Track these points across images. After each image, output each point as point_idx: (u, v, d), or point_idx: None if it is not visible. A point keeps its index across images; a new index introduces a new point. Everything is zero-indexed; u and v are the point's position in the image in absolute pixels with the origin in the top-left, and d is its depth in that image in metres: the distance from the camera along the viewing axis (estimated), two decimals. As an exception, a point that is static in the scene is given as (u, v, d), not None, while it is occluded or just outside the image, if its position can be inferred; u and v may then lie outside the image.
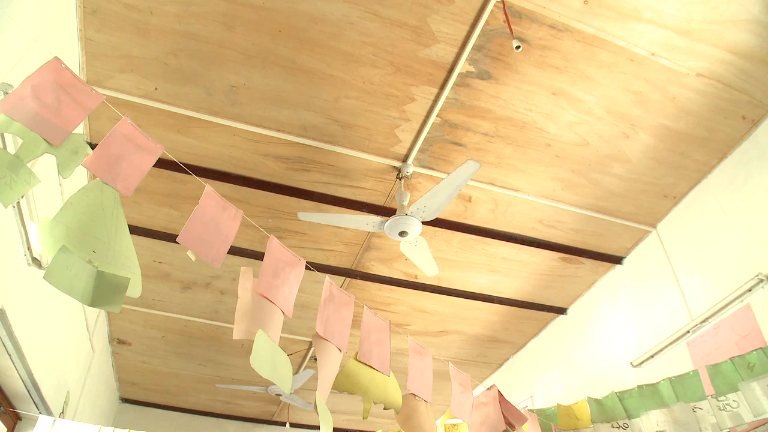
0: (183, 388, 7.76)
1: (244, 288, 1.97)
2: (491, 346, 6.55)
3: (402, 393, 2.43)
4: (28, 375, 3.89)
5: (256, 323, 1.86)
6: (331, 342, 2.12)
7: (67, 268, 1.69)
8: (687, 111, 3.81)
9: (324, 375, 2.02)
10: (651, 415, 3.36)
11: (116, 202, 1.86)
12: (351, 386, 2.14)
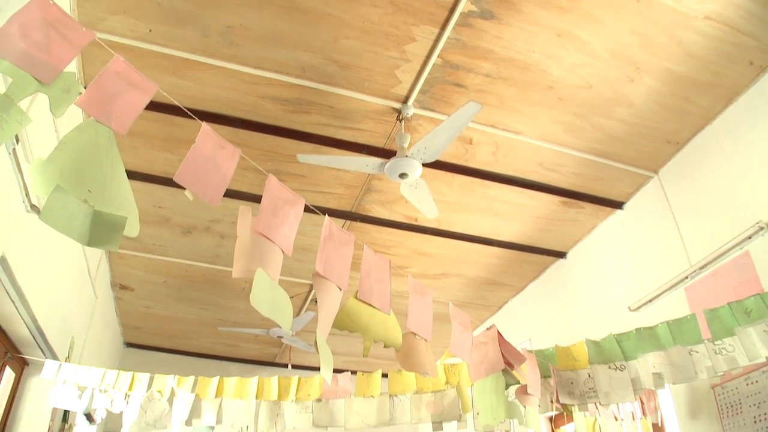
0: (186, 331, 7.86)
1: (242, 227, 1.95)
2: (490, 289, 6.60)
3: (402, 332, 2.44)
4: (32, 321, 3.93)
5: (255, 262, 1.85)
6: (331, 281, 2.11)
7: (63, 208, 1.67)
8: (693, 55, 3.73)
9: (324, 314, 2.03)
10: (648, 358, 3.39)
11: (111, 141, 1.82)
12: (351, 325, 2.15)
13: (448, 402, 3.78)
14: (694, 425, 4.38)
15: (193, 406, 4.04)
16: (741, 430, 3.98)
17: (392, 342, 2.33)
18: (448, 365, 3.84)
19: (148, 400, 4.15)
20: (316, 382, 4.01)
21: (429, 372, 2.47)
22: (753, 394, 3.92)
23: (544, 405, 3.51)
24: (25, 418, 4.61)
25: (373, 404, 3.88)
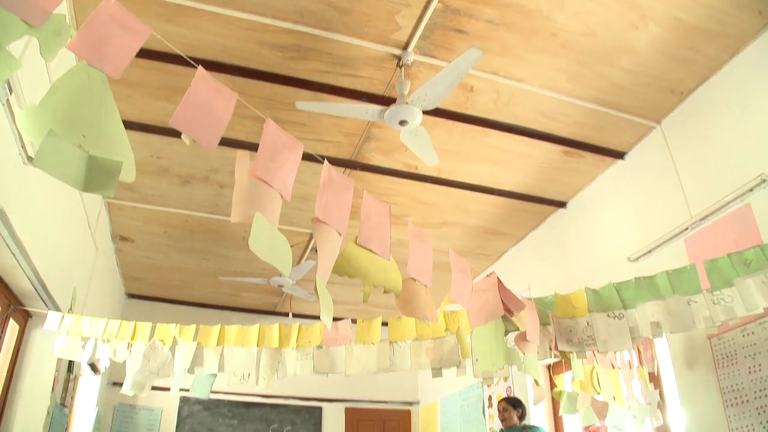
0: (187, 282, 7.90)
1: (240, 172, 1.93)
2: (490, 238, 6.61)
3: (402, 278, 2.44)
4: (33, 273, 3.94)
5: (253, 207, 1.83)
6: (331, 226, 2.10)
7: (57, 153, 1.64)
8: (700, 2, 3.63)
9: (323, 259, 2.02)
10: (646, 307, 3.40)
11: (104, 85, 1.78)
12: (351, 270, 2.14)
13: (448, 348, 3.81)
14: (690, 375, 4.44)
15: (196, 354, 4.09)
16: (735, 381, 4.04)
17: (392, 287, 2.33)
18: (448, 312, 3.86)
19: (150, 349, 4.19)
20: (316, 329, 4.04)
21: (429, 317, 2.47)
22: (748, 346, 3.96)
23: (543, 352, 3.54)
24: (31, 369, 4.67)
25: (373, 351, 3.91)
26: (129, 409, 7.99)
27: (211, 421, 8.28)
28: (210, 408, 8.31)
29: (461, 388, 7.79)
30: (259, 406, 8.53)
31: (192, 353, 4.07)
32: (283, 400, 8.63)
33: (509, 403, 4.98)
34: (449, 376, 6.76)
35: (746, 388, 3.98)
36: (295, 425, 8.62)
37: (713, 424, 4.19)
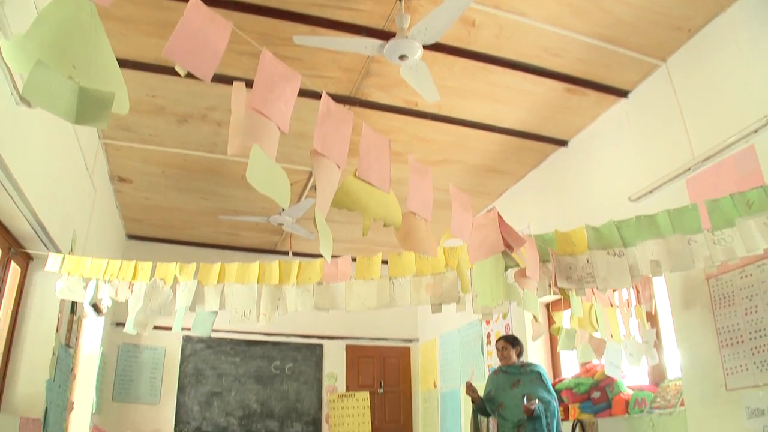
0: (187, 222, 7.90)
1: (237, 103, 1.88)
2: (490, 177, 6.58)
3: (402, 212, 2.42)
4: (32, 215, 3.93)
5: (251, 138, 1.79)
6: (330, 158, 2.07)
7: (46, 84, 1.60)
8: (713, -67, 3.52)
9: (322, 191, 1.99)
10: (646, 245, 3.40)
11: (93, 15, 1.72)
12: (350, 203, 2.12)
13: (447, 284, 3.82)
14: (687, 315, 4.48)
15: (196, 292, 4.10)
16: (731, 321, 4.09)
17: (392, 221, 2.31)
18: (448, 248, 3.86)
19: (152, 288, 4.20)
20: (316, 266, 4.04)
21: (429, 251, 2.46)
22: (746, 287, 3.99)
23: (542, 289, 3.55)
24: (35, 311, 4.72)
25: (373, 287, 3.92)
26: (133, 349, 8.11)
27: (214, 359, 8.42)
28: (212, 346, 8.43)
29: (460, 325, 7.88)
30: (261, 343, 8.66)
31: (193, 291, 4.08)
32: (285, 337, 8.76)
33: (508, 342, 5.03)
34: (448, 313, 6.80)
35: (742, 329, 4.03)
36: (296, 362, 8.77)
37: (708, 363, 4.25)
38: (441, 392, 8.42)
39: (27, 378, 4.58)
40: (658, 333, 5.03)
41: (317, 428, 8.61)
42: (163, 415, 8.04)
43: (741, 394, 3.98)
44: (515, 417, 4.73)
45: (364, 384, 9.00)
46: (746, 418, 3.90)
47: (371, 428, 8.68)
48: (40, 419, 4.60)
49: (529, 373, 4.91)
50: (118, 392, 7.91)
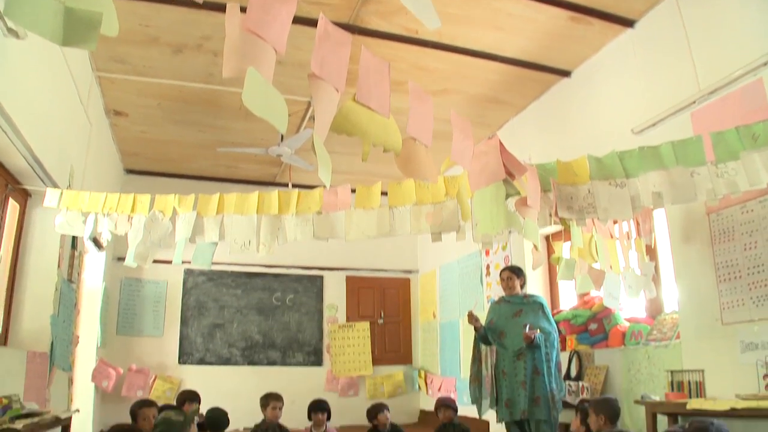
0: (185, 155, 7.84)
1: (231, 24, 1.81)
2: (491, 107, 6.48)
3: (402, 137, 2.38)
4: (28, 151, 3.90)
5: (246, 60, 1.73)
6: (328, 81, 2.01)
7: (31, 3, 1.53)
8: None
9: (321, 116, 1.95)
10: (649, 176, 3.37)
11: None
12: (349, 127, 2.07)
13: (448, 213, 3.80)
14: (686, 249, 4.49)
15: (196, 223, 4.09)
16: (730, 257, 4.10)
17: (392, 146, 2.27)
18: (448, 177, 3.83)
19: (151, 221, 4.20)
20: (316, 195, 4.01)
21: (429, 177, 2.43)
22: (746, 223, 3.99)
23: (543, 218, 3.54)
24: (35, 247, 4.74)
25: (372, 216, 3.90)
26: (135, 283, 8.18)
27: (216, 292, 8.50)
28: (214, 279, 8.50)
29: (460, 256, 7.93)
30: (262, 275, 8.73)
31: (192, 223, 4.07)
32: (285, 269, 8.82)
33: (513, 272, 5.05)
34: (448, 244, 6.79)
35: (740, 265, 4.04)
36: (297, 293, 8.86)
37: (705, 298, 4.28)
38: (440, 323, 8.54)
39: (31, 313, 4.64)
40: (657, 267, 5.05)
41: (318, 358, 8.77)
42: (166, 347, 8.18)
43: (736, 329, 4.03)
44: (515, 346, 4.80)
45: (365, 315, 9.11)
46: (740, 352, 3.96)
47: (371, 358, 8.85)
48: (46, 353, 4.67)
49: (532, 303, 4.96)
50: (122, 326, 8.02)
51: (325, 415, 5.07)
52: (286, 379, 8.08)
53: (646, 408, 4.32)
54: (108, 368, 7.26)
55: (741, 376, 3.92)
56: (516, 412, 4.73)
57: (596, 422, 3.79)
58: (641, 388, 4.75)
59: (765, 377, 3.76)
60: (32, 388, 4.31)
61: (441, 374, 8.32)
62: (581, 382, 5.25)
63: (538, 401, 4.66)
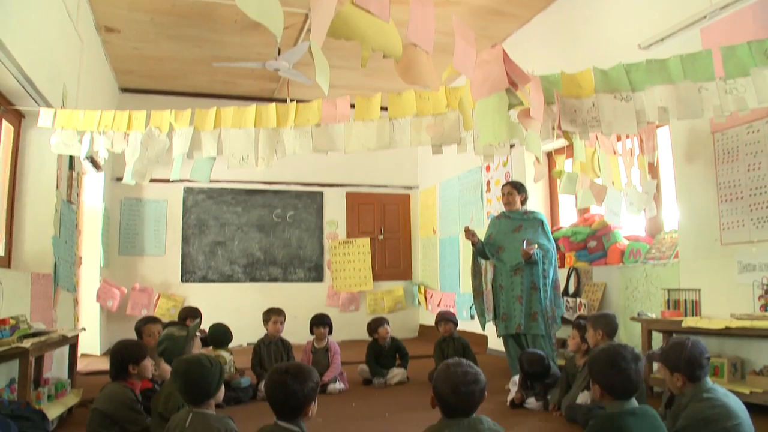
0: (180, 71, 7.69)
1: None
2: (495, 20, 6.31)
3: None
4: (18, 70, 3.83)
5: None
6: (325, -18, 1.92)
7: None
8: None
9: (318, 19, 1.86)
10: (655, 90, 3.31)
11: None
12: (348, 31, 1.99)
13: (449, 124, 3.74)
14: (689, 168, 4.45)
15: (193, 138, 4.03)
16: (733, 177, 4.08)
17: (392, 51, 2.19)
18: (450, 88, 3.74)
19: (147, 137, 4.14)
20: (314, 107, 3.93)
21: (430, 85, 2.37)
22: (751, 143, 3.96)
23: (546, 131, 3.48)
24: (33, 169, 4.71)
25: (372, 128, 3.84)
26: (135, 203, 8.19)
27: (216, 210, 8.52)
28: (214, 197, 8.50)
29: (460, 172, 7.90)
30: (262, 192, 8.74)
31: (189, 138, 4.01)
32: (285, 186, 8.82)
33: (514, 188, 5.01)
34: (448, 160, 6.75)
35: (743, 185, 4.03)
36: (297, 210, 8.88)
37: (705, 217, 4.28)
38: (440, 239, 8.60)
39: (33, 235, 4.67)
40: (658, 185, 5.03)
41: (319, 274, 8.88)
42: (169, 266, 8.27)
43: (735, 249, 4.05)
44: (513, 261, 4.82)
45: (365, 230, 9.17)
46: (737, 272, 3.99)
47: (372, 273, 8.96)
48: (50, 274, 4.72)
49: (531, 219, 4.95)
50: (124, 246, 8.09)
51: (326, 329, 5.13)
52: (287, 295, 8.21)
53: (642, 325, 4.39)
54: (112, 288, 7.35)
55: (737, 296, 3.98)
56: (511, 326, 4.81)
57: (594, 337, 3.85)
58: (638, 306, 4.82)
59: (760, 298, 3.81)
60: (38, 308, 4.37)
61: (441, 289, 8.45)
62: (579, 299, 5.31)
63: (534, 316, 4.72)
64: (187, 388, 2.43)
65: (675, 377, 2.48)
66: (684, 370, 2.45)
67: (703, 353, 2.47)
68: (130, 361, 3.16)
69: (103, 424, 3.00)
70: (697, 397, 2.38)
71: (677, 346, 2.50)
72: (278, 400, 2.18)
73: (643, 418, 2.13)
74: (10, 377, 3.64)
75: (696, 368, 2.44)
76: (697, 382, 2.45)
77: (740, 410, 2.36)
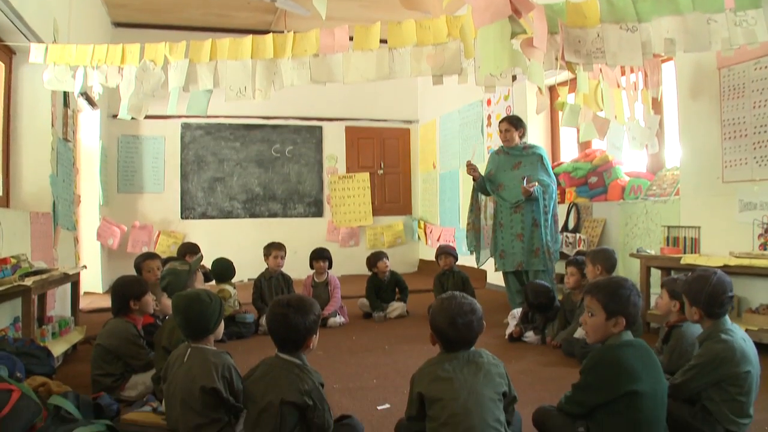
0: (174, 3, 7.52)
1: None
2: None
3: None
4: (5, 4, 3.75)
5: None
6: None
7: None
8: None
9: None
10: (662, 21, 3.23)
11: None
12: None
13: (449, 54, 3.65)
14: (693, 104, 4.40)
15: (189, 71, 3.94)
16: (738, 114, 4.03)
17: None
18: (451, 17, 3.63)
19: (142, 71, 4.06)
20: (312, 37, 3.81)
21: (431, 11, 2.29)
22: (758, 80, 3.89)
23: (549, 62, 3.41)
24: (26, 107, 4.65)
25: (371, 58, 3.75)
26: (132, 140, 8.12)
27: (214, 145, 8.45)
28: (212, 132, 8.42)
29: (461, 106, 7.80)
30: (260, 127, 8.65)
31: (185, 70, 3.92)
32: (284, 120, 8.72)
33: (511, 123, 4.94)
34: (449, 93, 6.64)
35: (747, 123, 3.98)
36: (296, 145, 8.81)
37: (708, 154, 4.25)
38: (440, 173, 8.57)
39: (30, 174, 4.66)
40: (661, 122, 4.97)
41: (319, 209, 8.89)
42: (168, 203, 8.27)
43: (736, 187, 4.03)
44: (513, 198, 4.81)
45: (364, 165, 9.12)
46: (738, 210, 3.98)
47: (371, 208, 8.96)
48: (49, 213, 4.71)
49: (531, 155, 4.91)
50: (123, 183, 8.06)
51: (326, 263, 5.16)
52: (287, 231, 8.22)
53: (641, 261, 4.41)
54: (112, 226, 7.36)
55: (736, 234, 3.98)
56: (510, 264, 4.84)
57: (593, 272, 3.87)
58: (637, 242, 4.83)
59: (760, 236, 3.81)
60: (39, 247, 4.38)
61: (440, 224, 8.47)
62: (579, 235, 5.32)
63: (537, 252, 4.74)
64: (186, 323, 2.44)
65: (693, 310, 2.42)
66: (704, 305, 2.37)
67: (727, 291, 2.36)
68: (131, 297, 3.18)
69: (106, 359, 3.05)
70: (715, 337, 2.32)
71: (701, 280, 2.39)
72: (280, 333, 2.19)
73: (640, 350, 2.14)
74: (14, 316, 3.68)
75: (716, 305, 2.35)
76: (716, 320, 2.38)
77: (753, 356, 2.33)
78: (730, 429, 2.27)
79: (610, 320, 2.15)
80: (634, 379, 2.05)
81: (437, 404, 1.98)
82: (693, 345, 2.59)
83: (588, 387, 2.16)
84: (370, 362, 3.76)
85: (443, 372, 2.02)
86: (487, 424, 1.93)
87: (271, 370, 2.17)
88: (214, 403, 2.27)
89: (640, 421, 2.05)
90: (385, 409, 2.84)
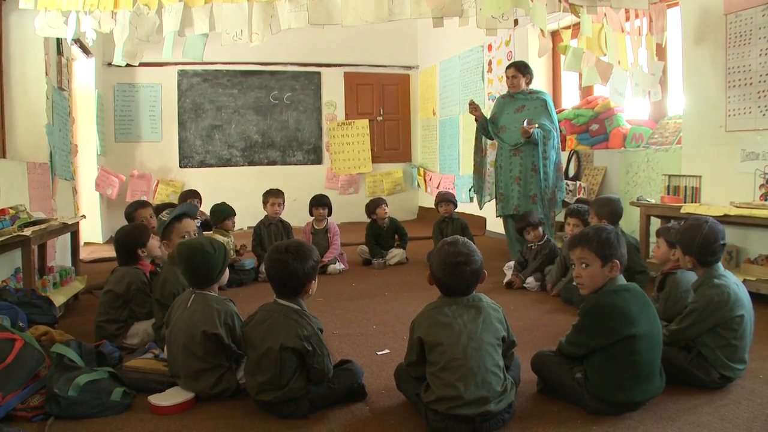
0: (167, -54, 7.29)
1: None
2: None
3: None
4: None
5: None
6: None
7: None
8: None
9: None
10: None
11: None
12: None
13: (450, -4, 3.57)
14: (698, 51, 4.31)
15: (184, 15, 3.85)
16: (743, 62, 3.95)
17: None
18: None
19: (136, 15, 3.98)
20: (309, -23, 3.73)
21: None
22: (766, 26, 3.79)
23: (552, 3, 3.34)
24: (18, 55, 4.58)
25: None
26: (128, 88, 7.99)
27: (212, 93, 8.32)
28: (209, 79, 8.29)
29: (461, 51, 7.67)
30: (258, 74, 8.50)
31: (180, 14, 3.84)
32: (282, 66, 8.56)
33: (518, 70, 4.87)
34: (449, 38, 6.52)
35: (752, 71, 3.91)
36: (294, 91, 8.68)
37: (711, 103, 4.19)
38: (440, 120, 8.49)
39: (25, 124, 4.61)
40: (665, 69, 4.88)
41: (318, 156, 8.82)
42: (166, 151, 8.19)
43: (739, 137, 3.98)
44: (513, 141, 4.79)
45: (363, 112, 9.02)
46: (740, 160, 3.94)
47: (371, 155, 8.90)
48: (46, 163, 4.68)
49: (535, 100, 4.86)
50: (120, 132, 7.97)
51: (326, 210, 5.14)
52: (286, 178, 8.18)
53: (641, 210, 4.39)
54: (110, 176, 7.32)
55: (738, 184, 3.95)
56: (508, 207, 4.84)
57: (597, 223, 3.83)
58: (638, 191, 4.81)
59: (761, 187, 3.78)
60: (37, 198, 4.36)
61: (440, 171, 8.43)
62: (579, 182, 5.30)
63: (534, 198, 4.74)
64: (190, 272, 2.44)
65: (687, 258, 2.44)
66: (696, 254, 2.39)
67: (718, 239, 2.38)
68: (137, 245, 3.18)
69: (114, 305, 3.05)
70: (708, 283, 2.34)
71: (693, 228, 2.40)
72: (278, 279, 2.19)
73: (635, 294, 2.15)
74: (15, 267, 3.69)
75: (708, 253, 2.37)
76: (708, 267, 2.40)
77: (746, 301, 2.35)
78: (725, 374, 2.29)
79: (606, 266, 2.16)
80: (631, 322, 2.06)
81: (437, 349, 1.99)
82: (687, 292, 2.60)
83: (586, 329, 2.17)
84: (369, 308, 3.79)
85: (443, 317, 2.02)
86: (486, 369, 1.95)
87: (270, 315, 2.18)
88: (215, 348, 2.29)
89: (637, 363, 2.07)
90: (385, 354, 2.87)
